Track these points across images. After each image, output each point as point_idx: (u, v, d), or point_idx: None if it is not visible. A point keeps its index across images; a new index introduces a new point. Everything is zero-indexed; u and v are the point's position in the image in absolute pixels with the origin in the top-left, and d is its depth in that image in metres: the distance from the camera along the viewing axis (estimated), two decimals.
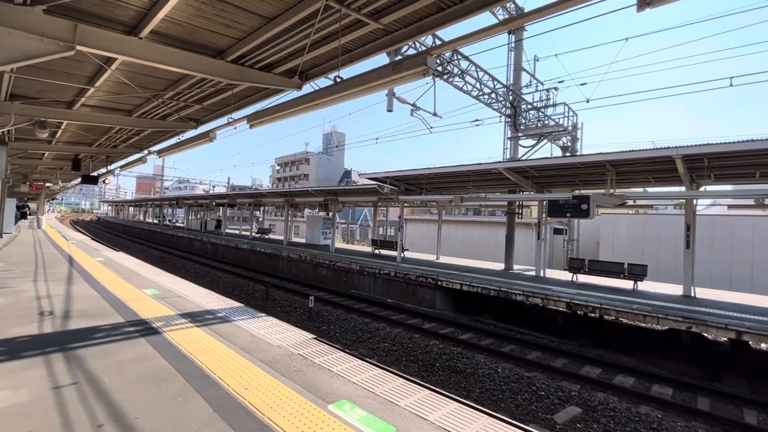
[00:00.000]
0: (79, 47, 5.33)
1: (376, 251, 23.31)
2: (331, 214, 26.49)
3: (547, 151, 26.69)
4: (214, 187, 70.21)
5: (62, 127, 12.23)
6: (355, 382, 4.32)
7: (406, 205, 23.52)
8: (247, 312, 7.18)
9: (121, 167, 20.50)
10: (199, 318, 6.56)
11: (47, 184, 31.95)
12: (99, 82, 8.10)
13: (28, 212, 53.65)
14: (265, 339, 5.66)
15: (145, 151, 16.41)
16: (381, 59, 7.22)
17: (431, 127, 16.42)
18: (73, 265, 11.63)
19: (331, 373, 4.54)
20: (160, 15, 5.36)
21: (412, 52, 10.92)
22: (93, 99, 9.33)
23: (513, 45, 19.00)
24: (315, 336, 5.95)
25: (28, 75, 7.68)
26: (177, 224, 58.61)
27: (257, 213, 48.46)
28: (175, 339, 5.38)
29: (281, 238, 31.10)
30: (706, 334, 9.49)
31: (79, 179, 20.34)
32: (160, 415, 3.38)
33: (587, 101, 15.04)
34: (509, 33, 18.50)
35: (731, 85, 10.52)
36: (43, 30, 5.06)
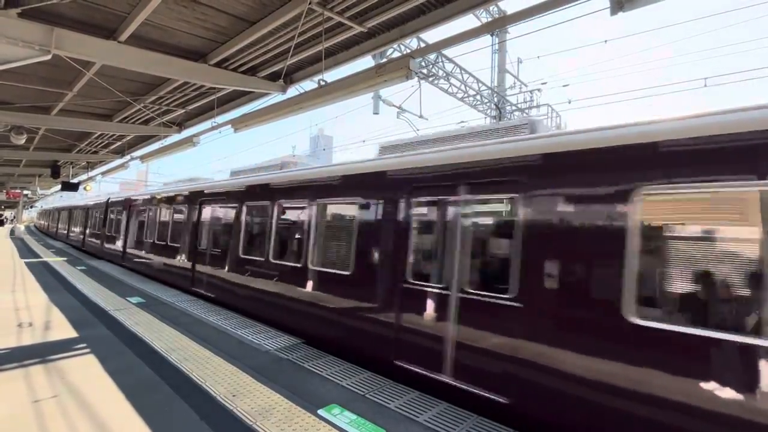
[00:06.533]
0: (55, 51, 5.22)
1: None
2: None
3: None
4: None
5: (40, 132, 11.93)
6: (345, 386, 4.31)
7: None
8: (236, 317, 7.09)
9: (103, 173, 20.08)
10: (184, 325, 6.45)
11: (25, 192, 31.08)
12: (77, 87, 7.93)
13: (6, 221, 52.14)
14: (253, 344, 5.60)
15: (127, 157, 16.11)
16: (365, 62, 7.24)
17: (418, 129, 16.52)
18: (54, 275, 11.32)
19: (321, 378, 4.51)
20: (140, 19, 5.30)
21: (396, 54, 10.97)
22: (72, 104, 9.13)
23: (496, 47, 19.25)
24: (304, 341, 5.91)
25: (4, 80, 7.48)
26: None
27: None
28: (160, 346, 5.29)
29: None
30: None
31: (59, 186, 19.86)
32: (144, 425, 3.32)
33: (569, 102, 15.34)
34: (492, 35, 18.74)
35: (705, 85, 10.85)
36: (18, 34, 4.95)
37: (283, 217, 7.07)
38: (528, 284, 3.77)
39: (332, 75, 6.24)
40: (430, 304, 4.54)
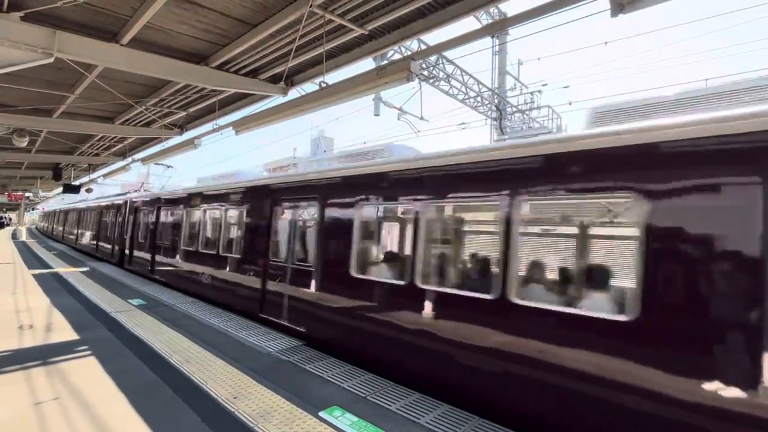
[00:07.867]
0: (58, 54, 5.25)
1: None
2: None
3: None
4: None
5: (42, 135, 11.96)
6: (346, 388, 4.30)
7: None
8: (234, 319, 7.09)
9: (105, 175, 20.12)
10: (186, 327, 6.45)
11: (27, 194, 31.15)
12: (79, 90, 7.96)
13: (7, 223, 52.31)
14: (254, 346, 5.60)
15: (129, 159, 16.13)
16: (366, 64, 7.28)
17: (418, 131, 16.52)
18: (55, 276, 11.34)
19: (322, 380, 4.51)
20: (142, 22, 5.32)
21: (397, 56, 10.99)
22: (74, 106, 9.16)
23: (497, 49, 19.27)
24: (305, 342, 5.91)
25: (6, 83, 7.50)
26: None
27: None
28: (162, 348, 5.29)
29: None
30: None
31: (61, 188, 19.89)
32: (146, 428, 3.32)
33: (570, 104, 15.36)
34: (493, 37, 18.75)
35: (706, 86, 10.84)
36: (21, 37, 4.97)
37: None
38: None
39: (333, 77, 6.26)
40: None
